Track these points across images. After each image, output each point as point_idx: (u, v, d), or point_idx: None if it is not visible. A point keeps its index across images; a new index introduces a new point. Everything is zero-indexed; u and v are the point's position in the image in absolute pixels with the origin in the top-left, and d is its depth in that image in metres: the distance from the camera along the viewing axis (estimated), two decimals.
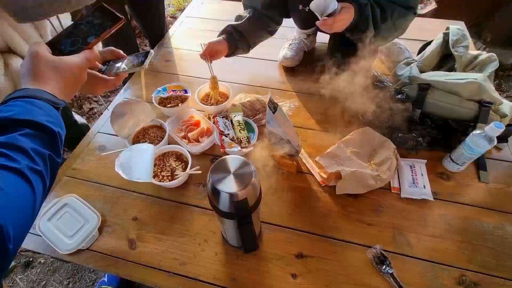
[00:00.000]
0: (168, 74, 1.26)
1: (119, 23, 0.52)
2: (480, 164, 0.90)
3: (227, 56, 1.06)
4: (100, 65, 0.66)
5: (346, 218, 0.81)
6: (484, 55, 1.08)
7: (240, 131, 0.90)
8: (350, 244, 0.76)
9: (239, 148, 0.87)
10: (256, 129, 0.94)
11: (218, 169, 0.53)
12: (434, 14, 2.06)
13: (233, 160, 0.54)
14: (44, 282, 1.15)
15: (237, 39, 1.03)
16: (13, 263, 1.18)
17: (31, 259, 1.20)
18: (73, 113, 1.36)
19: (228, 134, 0.90)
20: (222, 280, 0.71)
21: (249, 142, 0.89)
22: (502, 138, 0.94)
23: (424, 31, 1.42)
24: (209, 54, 0.98)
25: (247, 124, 0.95)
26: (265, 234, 0.78)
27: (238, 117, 0.91)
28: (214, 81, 1.01)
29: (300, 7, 0.99)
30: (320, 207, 0.83)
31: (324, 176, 0.87)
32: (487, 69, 1.06)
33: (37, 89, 0.43)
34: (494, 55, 1.06)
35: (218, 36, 1.04)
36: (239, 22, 1.03)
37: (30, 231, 0.77)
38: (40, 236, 0.76)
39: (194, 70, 1.25)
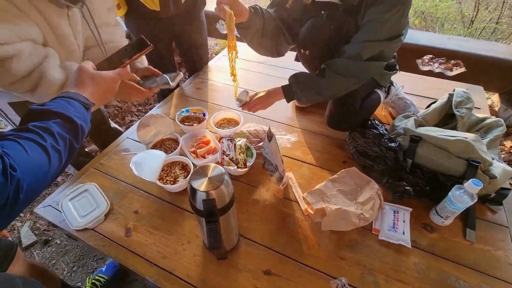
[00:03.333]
0: (196, 99, 1.46)
1: (147, 49, 0.73)
2: (469, 222, 0.90)
3: (242, 27, 1.04)
4: (138, 78, 0.86)
5: (320, 248, 0.85)
6: (491, 118, 1.10)
7: (239, 154, 1.02)
8: (317, 272, 0.80)
9: (236, 167, 0.99)
10: (255, 155, 1.06)
11: (199, 172, 0.65)
12: (462, 77, 2.09)
13: (214, 168, 0.66)
14: (54, 261, 1.30)
15: (259, 14, 1.04)
16: (35, 239, 1.36)
17: (50, 239, 1.37)
18: (111, 122, 1.60)
19: (229, 154, 1.02)
20: (193, 278, 0.78)
21: (245, 164, 1.00)
22: (496, 201, 0.94)
23: (440, 90, 1.48)
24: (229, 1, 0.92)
25: (248, 149, 1.08)
26: (242, 247, 0.85)
27: (240, 142, 1.04)
28: (230, 18, 0.90)
29: (302, 51, 1.13)
30: (298, 233, 0.89)
31: (311, 212, 0.93)
32: (493, 132, 1.08)
33: (76, 93, 0.59)
34: (501, 120, 1.08)
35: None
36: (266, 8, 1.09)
37: (54, 206, 0.95)
38: (60, 212, 0.92)
39: (218, 100, 1.44)
